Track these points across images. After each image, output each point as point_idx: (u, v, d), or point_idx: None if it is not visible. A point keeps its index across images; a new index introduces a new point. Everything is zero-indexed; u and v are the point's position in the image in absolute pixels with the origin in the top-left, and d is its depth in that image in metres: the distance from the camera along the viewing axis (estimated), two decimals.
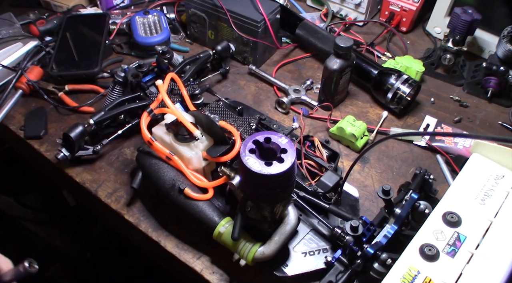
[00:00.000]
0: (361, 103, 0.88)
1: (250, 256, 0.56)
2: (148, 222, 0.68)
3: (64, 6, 1.03)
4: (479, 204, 0.48)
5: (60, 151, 0.71)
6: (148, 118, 0.67)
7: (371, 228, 0.54)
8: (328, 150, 0.71)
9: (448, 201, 0.49)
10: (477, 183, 0.50)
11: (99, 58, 0.88)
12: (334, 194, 0.64)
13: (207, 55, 0.87)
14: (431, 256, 0.44)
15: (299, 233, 0.61)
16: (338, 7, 1.07)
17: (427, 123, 0.83)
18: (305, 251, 0.60)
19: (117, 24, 0.97)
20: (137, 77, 0.78)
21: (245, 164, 0.49)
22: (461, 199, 0.49)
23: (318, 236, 0.62)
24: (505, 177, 0.50)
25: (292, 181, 0.54)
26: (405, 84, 0.80)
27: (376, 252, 0.49)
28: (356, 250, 0.52)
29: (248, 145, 0.51)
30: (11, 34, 0.95)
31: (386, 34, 1.02)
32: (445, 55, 0.91)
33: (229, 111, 0.72)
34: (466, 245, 0.45)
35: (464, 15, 0.85)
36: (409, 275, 0.43)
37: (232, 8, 0.87)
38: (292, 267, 0.58)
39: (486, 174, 0.51)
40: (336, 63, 0.79)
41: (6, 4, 1.07)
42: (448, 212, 0.47)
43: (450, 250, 0.44)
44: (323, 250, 0.60)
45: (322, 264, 0.58)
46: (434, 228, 0.47)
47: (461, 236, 0.46)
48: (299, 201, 0.62)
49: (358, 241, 0.53)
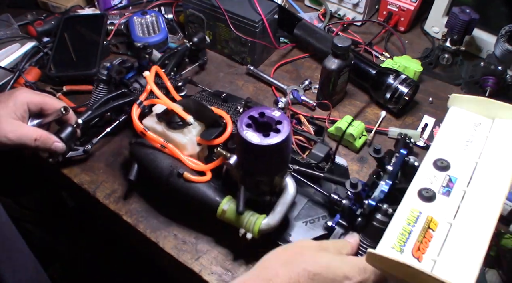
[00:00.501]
0: (359, 103, 0.88)
1: (256, 228, 0.58)
2: (146, 223, 0.68)
3: (62, 7, 1.03)
4: (463, 149, 0.53)
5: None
6: (139, 110, 0.68)
7: (365, 188, 0.57)
8: (314, 126, 0.76)
9: (436, 150, 0.54)
10: (458, 131, 0.55)
11: (97, 59, 0.88)
12: (326, 163, 0.67)
13: (185, 47, 0.88)
14: (429, 197, 0.48)
15: (297, 204, 0.65)
16: (336, 7, 1.07)
17: (425, 123, 0.83)
18: (305, 220, 0.64)
19: (115, 25, 0.97)
20: (121, 73, 0.78)
21: (244, 137, 0.51)
22: (447, 147, 0.54)
23: (316, 205, 0.66)
24: (482, 124, 0.56)
25: (288, 151, 0.57)
26: (403, 84, 0.80)
27: (377, 204, 0.53)
28: (355, 209, 0.56)
29: (244, 120, 0.53)
30: (9, 35, 0.95)
31: (384, 34, 1.03)
32: (443, 54, 0.91)
33: (214, 99, 0.74)
34: (458, 184, 0.49)
35: (462, 15, 0.85)
36: (412, 216, 0.47)
37: (230, 8, 0.87)
38: (295, 236, 0.62)
39: (465, 123, 0.56)
40: (334, 63, 0.79)
41: (3, 5, 1.07)
42: (438, 159, 0.52)
43: (445, 190, 0.49)
44: (322, 217, 0.64)
45: (323, 229, 0.62)
46: (427, 174, 0.51)
47: (452, 178, 0.50)
48: (293, 174, 0.64)
49: (358, 198, 0.56)
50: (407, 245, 0.44)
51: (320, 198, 0.66)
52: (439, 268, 0.42)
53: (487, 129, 0.55)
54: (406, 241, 0.44)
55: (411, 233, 0.45)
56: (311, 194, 0.67)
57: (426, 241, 0.45)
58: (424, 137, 0.80)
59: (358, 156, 0.78)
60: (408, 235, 0.45)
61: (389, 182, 0.55)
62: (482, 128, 0.55)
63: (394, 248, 0.44)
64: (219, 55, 0.98)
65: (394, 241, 0.45)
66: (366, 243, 0.54)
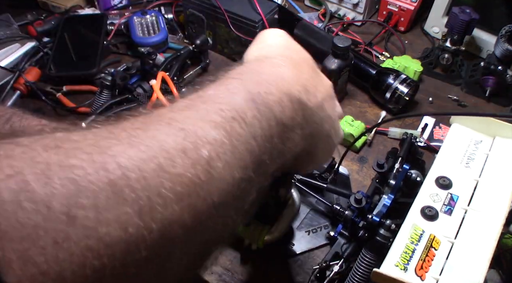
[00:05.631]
0: (359, 103, 0.88)
1: (261, 239, 0.59)
2: None
3: (62, 7, 1.03)
4: (464, 167, 0.55)
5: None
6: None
7: (368, 200, 0.58)
8: None
9: (438, 167, 0.55)
10: (460, 149, 0.57)
11: (97, 58, 0.88)
12: (329, 174, 0.68)
13: (188, 50, 0.88)
14: (432, 216, 0.49)
15: (300, 214, 0.66)
16: (336, 7, 1.07)
17: (425, 123, 0.83)
18: (308, 229, 0.66)
19: (115, 25, 0.97)
20: (124, 79, 0.78)
21: None
22: (449, 164, 0.55)
23: (318, 214, 0.67)
24: (483, 142, 0.58)
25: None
26: (403, 84, 0.80)
27: (381, 220, 0.54)
28: (358, 222, 0.57)
29: None
30: (9, 35, 0.95)
31: (384, 34, 1.03)
32: (443, 54, 0.91)
33: None
34: (460, 203, 0.51)
35: (462, 15, 0.85)
36: (415, 234, 0.48)
37: (230, 8, 0.87)
38: (299, 245, 0.64)
39: (467, 141, 0.58)
40: (334, 63, 0.79)
41: (3, 5, 1.07)
42: (440, 177, 0.54)
43: (447, 209, 0.50)
44: (324, 227, 0.66)
45: (325, 239, 0.64)
46: (429, 192, 0.52)
47: (454, 196, 0.52)
48: (297, 184, 0.65)
49: (361, 213, 0.57)
50: (411, 263, 0.45)
51: (322, 207, 0.67)
52: None
53: (488, 148, 0.57)
54: (409, 260, 0.46)
55: (414, 251, 0.46)
56: (313, 203, 0.68)
57: (429, 259, 0.46)
58: (424, 137, 0.80)
59: (358, 156, 0.78)
60: (412, 254, 0.46)
61: (391, 196, 0.56)
62: (483, 146, 0.57)
63: (398, 266, 0.45)
64: (219, 56, 0.97)
65: (398, 259, 0.46)
66: (369, 257, 0.54)
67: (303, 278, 0.61)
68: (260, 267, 0.63)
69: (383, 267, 0.45)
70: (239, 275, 0.62)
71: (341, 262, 0.58)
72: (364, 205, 0.56)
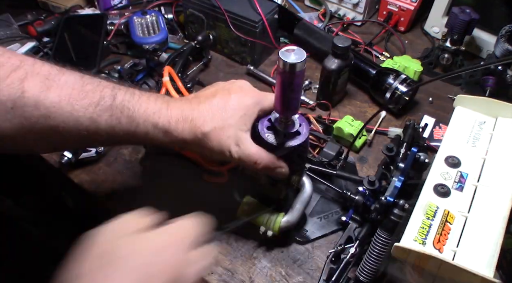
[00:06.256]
0: (359, 103, 0.88)
1: (277, 226, 0.61)
2: None
3: (62, 7, 1.03)
4: (471, 147, 0.57)
5: (64, 155, 0.71)
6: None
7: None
8: (322, 125, 0.79)
9: (446, 147, 0.57)
10: (465, 130, 0.59)
11: (97, 58, 0.88)
12: (338, 161, 0.71)
13: (190, 46, 0.89)
14: (444, 193, 0.52)
15: (311, 201, 0.67)
16: (336, 7, 1.07)
17: (425, 123, 0.83)
18: (320, 215, 0.68)
19: (115, 25, 0.97)
20: (131, 76, 0.78)
21: (266, 140, 0.52)
22: (456, 145, 0.57)
23: (328, 201, 0.69)
24: (486, 123, 0.60)
25: (307, 151, 0.60)
26: (403, 84, 0.80)
27: (394, 200, 0.57)
28: (370, 204, 0.60)
29: (264, 123, 0.54)
30: (9, 35, 0.95)
31: (384, 34, 1.03)
32: (443, 54, 0.91)
33: None
34: (470, 180, 0.53)
35: (462, 15, 0.85)
36: (430, 210, 0.50)
37: (230, 8, 0.87)
38: (312, 231, 0.66)
39: (471, 122, 0.60)
40: (334, 63, 0.79)
41: (3, 5, 1.07)
42: (449, 156, 0.56)
43: (458, 186, 0.53)
44: (335, 212, 0.68)
45: (337, 224, 0.66)
46: (440, 170, 0.55)
47: (463, 174, 0.54)
48: (307, 172, 0.66)
49: (374, 195, 0.60)
50: (428, 237, 0.48)
51: (332, 194, 0.69)
52: (459, 258, 0.46)
53: (491, 128, 0.59)
54: (427, 234, 0.48)
55: (431, 226, 0.49)
56: (323, 190, 0.70)
57: (445, 233, 0.48)
58: (424, 137, 0.80)
59: (358, 155, 0.78)
60: (429, 228, 0.49)
61: (401, 178, 0.59)
62: (486, 126, 0.59)
63: (416, 241, 0.48)
64: (219, 55, 0.98)
65: (416, 234, 0.48)
66: (384, 235, 0.57)
67: (320, 263, 0.63)
68: (256, 266, 0.62)
69: (403, 241, 0.47)
70: (239, 275, 0.62)
71: (356, 245, 0.60)
72: (377, 187, 0.59)
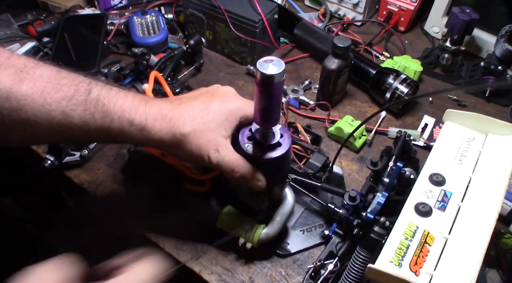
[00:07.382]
0: (359, 103, 0.88)
1: (256, 238, 0.59)
2: (146, 223, 0.68)
3: (62, 7, 1.03)
4: (457, 164, 0.55)
5: (47, 159, 0.70)
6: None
7: (362, 198, 0.59)
8: (310, 134, 0.76)
9: (431, 164, 0.55)
10: (453, 146, 0.57)
11: (97, 59, 0.88)
12: (323, 173, 0.68)
13: (182, 50, 0.88)
14: (425, 212, 0.50)
15: (295, 213, 0.66)
16: (336, 7, 1.07)
17: (425, 123, 0.83)
18: (303, 228, 0.65)
19: (115, 25, 0.97)
20: (118, 80, 0.78)
21: (245, 151, 0.51)
22: (442, 161, 0.55)
23: (312, 213, 0.67)
24: (475, 139, 0.58)
25: (289, 163, 0.58)
26: (403, 84, 0.80)
27: (375, 217, 0.54)
28: (352, 220, 0.57)
29: (245, 133, 0.53)
30: (9, 35, 0.95)
31: (384, 34, 1.03)
32: (443, 54, 0.91)
33: None
34: (453, 199, 0.51)
35: (462, 15, 0.85)
36: (410, 230, 0.48)
37: (230, 8, 0.87)
38: (293, 244, 0.64)
39: (459, 138, 0.58)
40: (334, 63, 0.79)
41: (3, 5, 1.07)
42: (433, 174, 0.54)
43: (441, 205, 0.51)
44: (318, 226, 0.66)
45: (320, 238, 0.64)
46: (423, 188, 0.53)
47: (447, 193, 0.52)
48: (291, 183, 0.64)
49: (356, 210, 0.57)
50: (405, 259, 0.46)
51: (316, 206, 0.67)
52: (436, 282, 0.44)
53: (480, 144, 0.57)
54: (404, 256, 0.46)
55: (408, 247, 0.47)
56: (307, 202, 0.68)
57: (423, 255, 0.46)
58: (424, 137, 0.80)
59: (358, 155, 0.78)
60: (406, 249, 0.47)
61: (385, 194, 0.57)
62: (475, 143, 0.57)
63: (392, 262, 0.45)
64: (219, 55, 0.98)
65: (393, 255, 0.46)
66: (363, 254, 0.54)
67: (301, 278, 0.61)
68: (256, 266, 0.62)
69: (378, 263, 0.45)
70: (239, 275, 0.62)
71: (336, 261, 0.58)
72: (358, 203, 0.57)
